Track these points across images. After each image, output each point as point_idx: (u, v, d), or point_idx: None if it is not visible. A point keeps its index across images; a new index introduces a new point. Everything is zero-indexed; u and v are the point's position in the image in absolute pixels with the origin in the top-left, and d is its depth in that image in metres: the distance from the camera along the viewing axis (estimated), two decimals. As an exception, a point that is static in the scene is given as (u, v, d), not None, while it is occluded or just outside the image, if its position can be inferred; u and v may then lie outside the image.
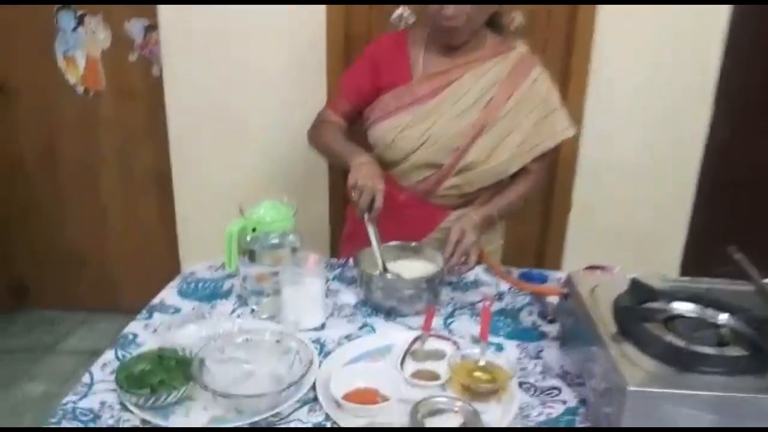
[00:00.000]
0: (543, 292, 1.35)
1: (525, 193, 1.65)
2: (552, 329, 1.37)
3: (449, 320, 1.40)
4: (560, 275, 1.60)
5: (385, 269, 1.45)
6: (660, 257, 2.59)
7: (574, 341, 1.24)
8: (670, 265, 2.60)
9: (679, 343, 1.03)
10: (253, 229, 1.36)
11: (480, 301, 1.48)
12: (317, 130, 1.70)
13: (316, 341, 1.29)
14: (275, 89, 2.50)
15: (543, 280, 1.59)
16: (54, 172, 2.92)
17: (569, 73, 2.36)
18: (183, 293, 1.50)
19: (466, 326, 1.37)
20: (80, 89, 2.82)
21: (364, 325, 1.37)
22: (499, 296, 1.51)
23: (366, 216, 1.44)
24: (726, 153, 2.50)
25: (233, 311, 1.42)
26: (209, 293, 1.49)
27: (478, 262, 1.49)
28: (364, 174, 1.45)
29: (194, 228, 2.71)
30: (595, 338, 1.10)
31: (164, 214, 2.79)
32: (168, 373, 1.11)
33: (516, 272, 1.62)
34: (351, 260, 1.60)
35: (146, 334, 1.32)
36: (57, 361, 2.71)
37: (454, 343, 1.27)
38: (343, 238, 1.85)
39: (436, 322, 1.37)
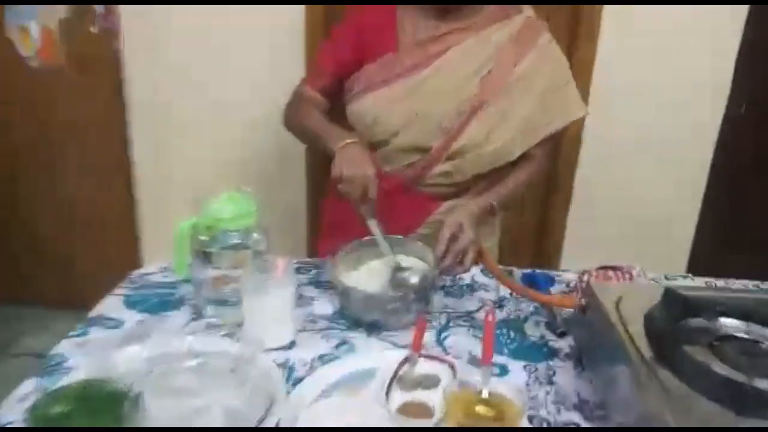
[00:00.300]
0: (558, 304, 1.13)
1: (527, 182, 1.43)
2: (564, 344, 1.16)
3: (443, 334, 1.18)
4: (570, 276, 1.39)
5: (400, 267, 1.25)
6: (666, 253, 2.40)
7: (595, 364, 1.03)
8: (676, 262, 2.42)
9: (738, 377, 0.82)
10: (208, 228, 1.12)
11: (478, 310, 1.26)
12: (293, 110, 1.47)
13: (284, 364, 1.07)
14: (247, 64, 2.26)
15: (549, 282, 1.38)
16: (6, 156, 2.66)
17: (573, 58, 2.14)
18: (128, 302, 1.27)
19: (464, 342, 1.16)
20: (35, 63, 2.54)
21: (342, 343, 1.14)
22: (500, 303, 1.30)
23: (362, 210, 1.23)
24: (738, 147, 2.36)
25: (186, 325, 1.19)
26: (159, 302, 1.26)
27: (476, 263, 1.26)
28: (349, 160, 1.23)
29: (157, 217, 2.48)
30: (624, 364, 0.89)
31: (126, 200, 2.54)
32: (92, 416, 0.88)
33: (517, 273, 1.41)
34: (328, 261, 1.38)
35: (78, 356, 1.09)
36: (8, 364, 2.48)
37: (450, 366, 1.05)
38: (321, 234, 1.62)
39: (428, 336, 1.15)
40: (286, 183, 2.34)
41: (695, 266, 2.41)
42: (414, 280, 1.22)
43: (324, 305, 1.26)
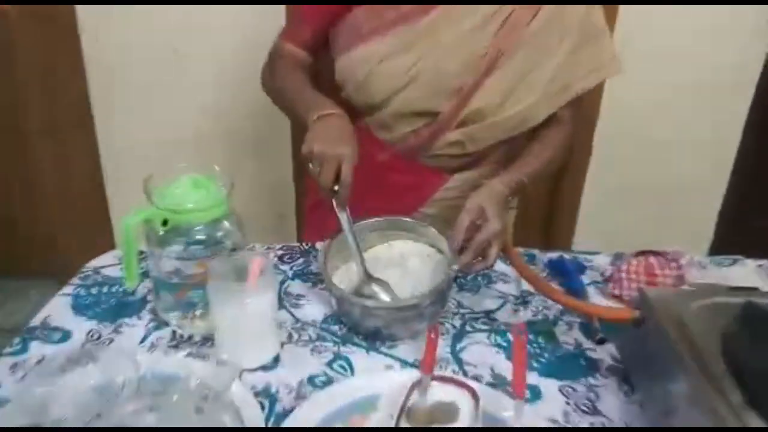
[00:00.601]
0: (612, 318, 0.90)
1: (561, 149, 1.20)
2: (604, 354, 0.96)
3: (458, 345, 0.97)
4: (602, 261, 1.19)
5: (369, 276, 1.02)
6: (689, 231, 2.20)
7: (650, 389, 0.83)
8: (700, 235, 2.23)
9: None
10: (166, 221, 0.90)
11: (499, 308, 1.06)
12: (271, 70, 1.23)
13: (264, 392, 0.87)
14: (223, 13, 1.98)
15: (580, 269, 1.17)
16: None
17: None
18: (77, 306, 1.05)
19: (484, 353, 0.95)
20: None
21: (336, 358, 0.94)
22: (524, 299, 1.09)
23: (331, 197, 1.00)
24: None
25: (146, 338, 0.98)
26: (115, 305, 1.05)
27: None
28: (324, 135, 1.00)
29: (126, 187, 2.22)
30: (700, 403, 0.69)
31: (92, 167, 2.29)
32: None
33: (541, 258, 1.20)
34: (318, 250, 1.16)
35: (10, 382, 0.89)
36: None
37: (470, 391, 0.85)
38: (306, 210, 1.40)
39: (441, 346, 0.94)
40: (271, 155, 2.09)
41: (722, 238, 2.22)
42: (384, 297, 1.00)
43: (314, 307, 1.05)
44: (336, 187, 0.97)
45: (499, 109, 1.13)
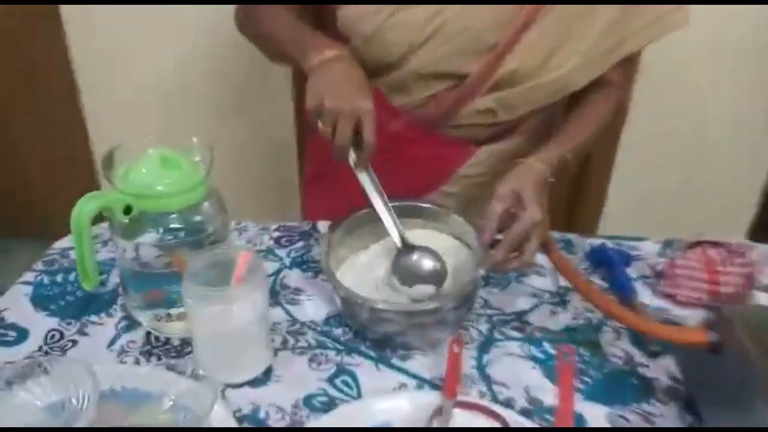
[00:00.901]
0: (682, 341, 0.72)
1: (609, 117, 1.01)
2: (660, 371, 0.80)
3: (485, 357, 0.81)
4: (649, 249, 1.02)
5: (407, 245, 0.86)
6: (725, 217, 2.00)
7: (727, 425, 0.67)
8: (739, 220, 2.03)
9: None
10: (129, 208, 0.73)
11: (534, 309, 0.90)
12: (253, 17, 1.04)
13: (251, 416, 0.72)
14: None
15: (625, 260, 1.00)
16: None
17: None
18: (37, 298, 0.90)
19: (517, 368, 0.79)
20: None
21: (339, 372, 0.78)
22: (562, 298, 0.92)
23: (351, 159, 0.83)
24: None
25: (114, 341, 0.83)
26: (82, 298, 0.89)
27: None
28: (333, 85, 0.83)
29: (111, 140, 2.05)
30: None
31: (74, 120, 2.10)
32: None
33: (579, 245, 1.03)
34: (319, 232, 1.01)
35: (-51, 399, 0.74)
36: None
37: (502, 422, 0.69)
38: (306, 182, 1.23)
39: (465, 360, 0.79)
40: (268, 110, 1.89)
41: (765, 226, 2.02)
42: (428, 265, 0.85)
43: (315, 304, 0.89)
44: (352, 155, 0.82)
45: (539, 70, 0.95)
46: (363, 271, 0.87)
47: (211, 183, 0.79)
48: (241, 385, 0.75)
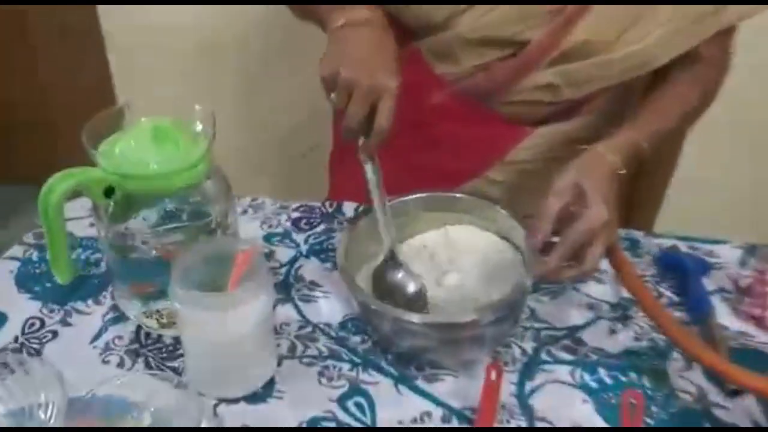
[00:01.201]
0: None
1: (699, 99, 0.84)
2: (741, 414, 0.66)
3: (529, 384, 0.68)
4: (728, 255, 0.86)
5: (392, 258, 0.72)
6: None
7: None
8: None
9: None
10: (111, 190, 0.61)
11: (589, 325, 0.75)
12: None
13: (245, 443, 0.61)
14: None
15: (701, 268, 0.84)
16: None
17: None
18: (23, 277, 0.80)
19: (565, 400, 0.66)
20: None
21: (352, 392, 0.66)
22: (624, 312, 0.78)
23: (360, 144, 0.70)
24: None
25: (98, 335, 0.72)
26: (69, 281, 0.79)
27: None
28: (351, 52, 0.69)
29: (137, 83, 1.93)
30: None
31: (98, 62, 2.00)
32: None
33: (645, 247, 0.88)
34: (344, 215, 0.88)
35: None
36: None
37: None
38: (330, 161, 1.10)
39: (503, 386, 0.66)
40: (298, 64, 1.74)
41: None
42: (411, 288, 0.72)
43: (331, 303, 0.77)
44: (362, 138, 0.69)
45: (615, 42, 0.78)
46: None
47: (214, 158, 0.67)
48: (236, 401, 0.64)
